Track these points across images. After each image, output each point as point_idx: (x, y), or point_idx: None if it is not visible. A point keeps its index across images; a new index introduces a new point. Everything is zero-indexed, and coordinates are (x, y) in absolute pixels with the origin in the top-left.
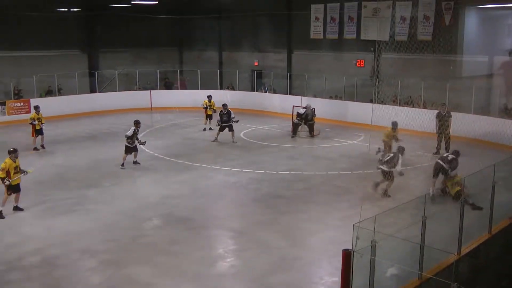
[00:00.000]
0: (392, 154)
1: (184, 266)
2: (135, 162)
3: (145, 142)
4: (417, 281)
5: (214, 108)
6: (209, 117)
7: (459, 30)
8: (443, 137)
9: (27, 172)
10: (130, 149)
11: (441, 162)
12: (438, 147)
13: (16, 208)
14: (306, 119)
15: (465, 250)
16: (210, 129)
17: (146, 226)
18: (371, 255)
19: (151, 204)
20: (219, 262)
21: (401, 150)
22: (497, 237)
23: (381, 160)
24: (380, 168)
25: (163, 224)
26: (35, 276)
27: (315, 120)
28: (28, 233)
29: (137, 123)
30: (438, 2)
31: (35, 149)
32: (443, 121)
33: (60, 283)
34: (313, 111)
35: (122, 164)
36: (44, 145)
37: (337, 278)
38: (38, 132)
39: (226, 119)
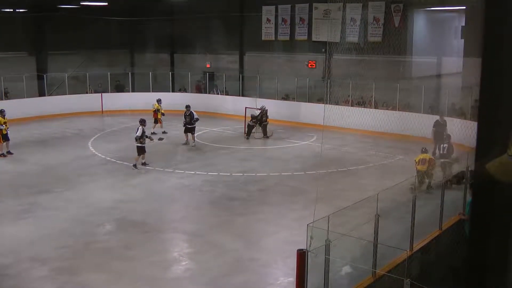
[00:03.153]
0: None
1: (139, 270)
2: (143, 164)
3: (154, 139)
4: (371, 279)
5: (162, 112)
6: (157, 120)
7: (408, 31)
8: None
9: None
10: (142, 150)
11: None
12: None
13: None
14: (260, 120)
15: (417, 246)
16: (164, 132)
17: (99, 231)
18: (325, 255)
19: (104, 209)
20: (174, 265)
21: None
22: (447, 232)
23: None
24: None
25: (116, 229)
26: None
27: (268, 121)
28: None
29: (142, 122)
30: (387, 4)
31: (2, 155)
32: (441, 130)
33: None
34: (266, 112)
35: (135, 165)
36: (11, 151)
37: (292, 279)
38: (4, 137)
39: (188, 121)
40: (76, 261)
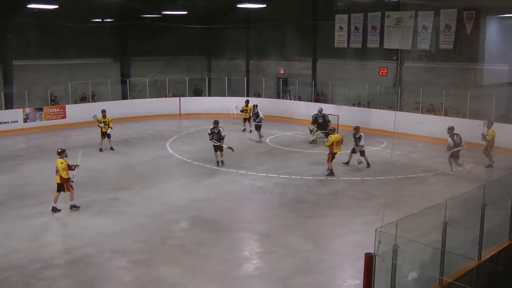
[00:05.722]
0: None
1: (211, 267)
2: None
3: (232, 148)
4: (438, 286)
5: (250, 113)
6: (245, 120)
7: (480, 39)
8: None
9: (77, 166)
10: (216, 148)
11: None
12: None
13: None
14: (324, 124)
15: (485, 255)
16: (250, 131)
17: (174, 228)
18: (392, 259)
19: (180, 207)
20: (245, 264)
21: None
22: None
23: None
24: None
25: (191, 227)
26: (70, 273)
27: (332, 125)
28: (63, 232)
29: (214, 123)
30: (459, 11)
31: (101, 150)
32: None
33: (93, 281)
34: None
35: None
36: (113, 147)
37: (359, 281)
38: (104, 134)
39: (256, 118)
40: (153, 255)
